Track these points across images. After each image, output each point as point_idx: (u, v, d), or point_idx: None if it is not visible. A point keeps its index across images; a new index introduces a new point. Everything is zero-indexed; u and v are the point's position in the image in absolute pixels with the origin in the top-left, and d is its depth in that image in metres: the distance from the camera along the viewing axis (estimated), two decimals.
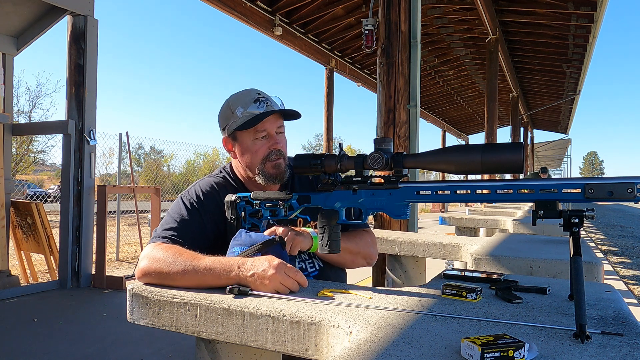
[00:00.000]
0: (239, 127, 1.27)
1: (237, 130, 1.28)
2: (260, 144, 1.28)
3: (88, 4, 4.44)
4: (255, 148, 1.28)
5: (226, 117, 1.31)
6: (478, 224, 3.98)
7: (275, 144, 1.29)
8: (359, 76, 10.67)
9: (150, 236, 4.13)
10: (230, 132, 1.31)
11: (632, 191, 0.76)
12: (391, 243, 2.23)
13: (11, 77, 4.68)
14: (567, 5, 6.87)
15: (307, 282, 1.07)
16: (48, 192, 15.03)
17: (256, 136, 1.28)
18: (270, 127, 1.28)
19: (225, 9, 6.32)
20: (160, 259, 1.11)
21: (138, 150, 21.83)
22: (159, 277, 1.11)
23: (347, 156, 1.05)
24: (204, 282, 1.07)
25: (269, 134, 1.29)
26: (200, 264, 1.08)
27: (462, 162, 0.90)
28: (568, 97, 13.25)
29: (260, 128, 1.27)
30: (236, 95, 1.33)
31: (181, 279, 1.08)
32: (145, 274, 1.13)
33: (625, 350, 0.71)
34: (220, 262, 1.08)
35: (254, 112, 1.26)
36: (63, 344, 2.85)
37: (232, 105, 1.30)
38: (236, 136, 1.31)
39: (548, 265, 1.59)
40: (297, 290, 1.04)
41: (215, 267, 1.07)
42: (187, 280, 1.08)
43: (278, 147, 1.29)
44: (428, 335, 0.78)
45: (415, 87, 3.26)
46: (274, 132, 1.29)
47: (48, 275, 4.78)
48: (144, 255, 1.16)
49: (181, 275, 1.08)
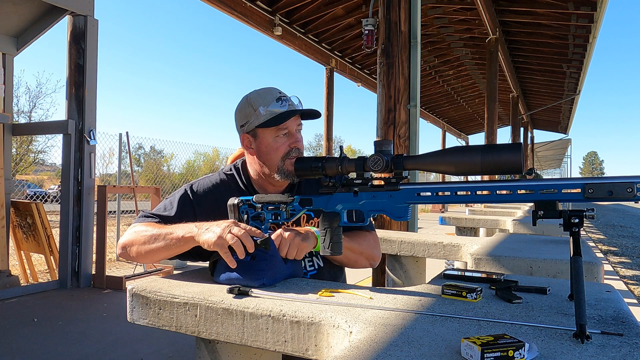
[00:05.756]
0: (262, 124, 1.29)
1: (258, 127, 1.30)
2: (282, 141, 1.30)
3: (88, 4, 4.44)
4: (277, 145, 1.30)
5: (246, 115, 1.33)
6: (478, 224, 3.98)
7: (296, 142, 1.32)
8: (359, 76, 10.68)
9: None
10: (250, 129, 1.33)
11: (631, 191, 0.76)
12: (391, 243, 2.23)
13: (11, 77, 4.68)
14: (567, 5, 6.88)
15: (260, 233, 1.11)
16: (48, 192, 15.04)
17: (278, 134, 1.30)
18: (291, 125, 1.31)
19: (225, 8, 6.32)
20: (136, 231, 1.26)
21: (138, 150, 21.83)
22: (129, 252, 1.26)
23: (347, 159, 1.05)
24: (169, 243, 1.18)
25: (290, 132, 1.31)
26: (166, 228, 1.21)
27: (461, 163, 0.90)
28: (568, 97, 13.26)
29: (283, 126, 1.30)
30: (257, 92, 1.35)
31: (152, 244, 1.21)
32: (123, 246, 1.27)
33: (625, 350, 0.71)
34: (184, 226, 1.18)
35: (276, 110, 1.29)
36: (63, 344, 2.85)
37: (254, 103, 1.32)
38: (257, 133, 1.32)
39: (548, 265, 1.59)
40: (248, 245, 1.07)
41: (177, 229, 1.18)
42: (156, 245, 1.20)
43: (298, 145, 1.32)
44: (428, 335, 0.78)
45: (415, 87, 3.26)
46: (295, 130, 1.32)
47: (48, 275, 4.79)
48: (125, 232, 1.31)
49: (151, 241, 1.21)
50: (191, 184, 1.40)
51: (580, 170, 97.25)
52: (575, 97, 13.16)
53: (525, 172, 10.49)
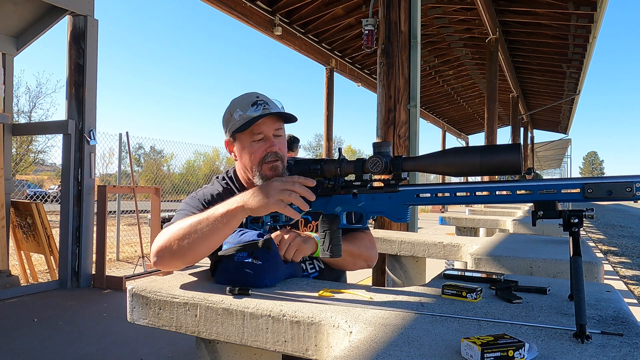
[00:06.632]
0: (237, 129, 1.28)
1: (235, 132, 1.30)
2: (257, 146, 1.29)
3: (88, 4, 4.44)
4: (252, 150, 1.29)
5: (227, 120, 1.34)
6: (478, 224, 3.98)
7: (271, 147, 1.29)
8: (359, 76, 10.67)
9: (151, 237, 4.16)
10: (230, 135, 1.33)
11: (630, 190, 0.76)
12: (391, 243, 2.23)
13: (11, 77, 4.68)
14: (567, 5, 6.87)
15: (313, 181, 1.06)
16: (48, 192, 15.03)
17: (253, 138, 1.29)
18: (267, 129, 1.29)
19: (225, 8, 6.32)
20: (169, 231, 1.15)
21: (138, 150, 21.87)
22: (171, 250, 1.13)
23: (346, 160, 1.05)
24: (215, 224, 1.09)
25: (266, 136, 1.29)
26: (204, 212, 1.12)
27: (460, 164, 0.90)
28: (568, 97, 13.25)
29: (256, 130, 1.28)
30: (237, 98, 1.35)
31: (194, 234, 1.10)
32: (159, 250, 1.15)
33: (625, 350, 0.71)
34: (222, 204, 1.11)
35: (251, 115, 1.27)
36: (63, 344, 2.85)
37: (232, 109, 1.32)
38: (236, 138, 1.33)
39: (548, 265, 1.59)
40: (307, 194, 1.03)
41: (217, 208, 1.10)
42: (200, 232, 1.09)
43: (274, 149, 1.29)
44: (428, 335, 0.78)
45: (415, 87, 3.26)
46: (271, 134, 1.30)
47: (48, 275, 4.79)
48: (154, 240, 1.19)
49: (192, 231, 1.10)
50: (194, 194, 1.38)
51: (580, 170, 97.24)
52: (575, 97, 13.16)
53: (525, 172, 10.51)
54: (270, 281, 1.11)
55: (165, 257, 1.14)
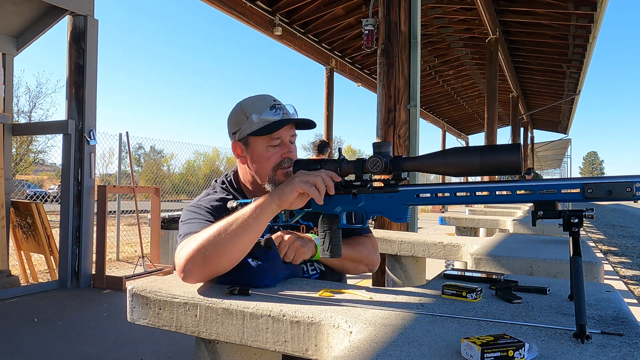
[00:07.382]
0: (254, 132, 1.25)
1: (250, 135, 1.26)
2: (274, 151, 1.26)
3: (88, 4, 4.44)
4: (268, 155, 1.26)
5: (238, 122, 1.29)
6: (478, 224, 3.98)
7: (288, 152, 1.27)
8: (359, 76, 10.67)
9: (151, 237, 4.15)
10: (241, 137, 1.29)
11: (630, 190, 0.76)
12: (391, 243, 2.23)
13: (11, 77, 4.68)
14: (567, 5, 6.87)
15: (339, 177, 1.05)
16: (48, 192, 15.03)
17: (270, 143, 1.26)
18: (285, 135, 1.27)
19: (225, 8, 6.32)
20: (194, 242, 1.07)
21: (138, 150, 21.84)
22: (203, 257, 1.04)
23: (346, 160, 1.05)
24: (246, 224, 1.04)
25: (283, 142, 1.27)
26: (231, 215, 1.07)
27: (460, 164, 0.90)
28: (568, 97, 13.25)
29: (275, 136, 1.25)
30: (250, 99, 1.31)
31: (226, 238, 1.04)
32: (187, 262, 1.05)
33: (625, 350, 0.71)
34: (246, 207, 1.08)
35: (269, 118, 1.24)
36: (63, 344, 2.85)
37: (247, 110, 1.27)
38: (248, 141, 1.28)
39: (548, 265, 1.59)
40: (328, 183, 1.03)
41: (244, 210, 1.07)
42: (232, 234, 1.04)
43: (291, 155, 1.28)
44: (428, 335, 0.78)
45: (415, 87, 3.26)
46: (288, 140, 1.28)
47: (48, 275, 4.79)
48: (177, 254, 1.10)
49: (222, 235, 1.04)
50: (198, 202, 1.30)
51: (580, 170, 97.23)
52: (575, 97, 13.16)
53: (524, 172, 10.51)
54: (270, 281, 1.11)
55: (196, 268, 1.05)
